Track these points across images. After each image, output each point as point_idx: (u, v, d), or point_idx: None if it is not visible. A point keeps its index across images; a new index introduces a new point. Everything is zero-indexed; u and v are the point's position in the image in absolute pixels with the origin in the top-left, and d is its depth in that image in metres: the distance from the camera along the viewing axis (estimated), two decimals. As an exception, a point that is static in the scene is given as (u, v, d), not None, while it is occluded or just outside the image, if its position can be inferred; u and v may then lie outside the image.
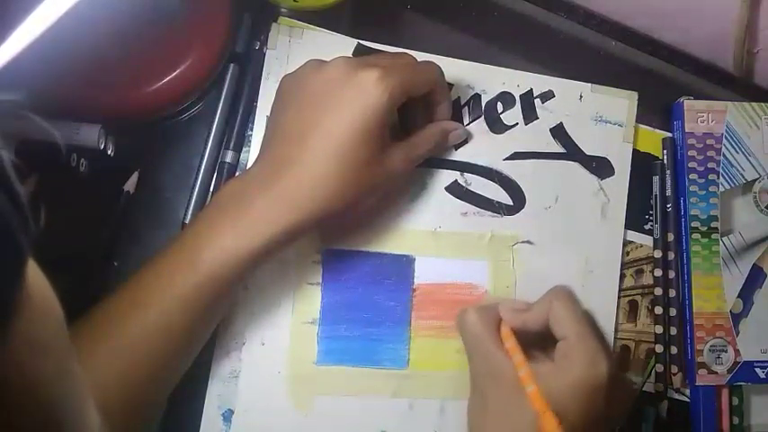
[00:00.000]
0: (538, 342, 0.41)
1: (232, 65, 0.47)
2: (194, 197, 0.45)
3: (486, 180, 0.48)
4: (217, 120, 0.46)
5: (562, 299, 0.40)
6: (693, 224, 0.48)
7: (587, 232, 0.48)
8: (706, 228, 0.48)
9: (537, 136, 0.49)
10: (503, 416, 0.38)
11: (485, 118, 0.49)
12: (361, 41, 0.48)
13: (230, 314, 0.44)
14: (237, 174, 0.46)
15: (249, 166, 0.44)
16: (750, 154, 0.50)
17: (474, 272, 0.47)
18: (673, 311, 0.48)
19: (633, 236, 0.49)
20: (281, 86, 0.42)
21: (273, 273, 0.45)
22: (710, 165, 0.49)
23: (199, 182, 0.45)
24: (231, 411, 0.43)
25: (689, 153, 0.49)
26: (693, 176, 0.49)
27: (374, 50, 0.47)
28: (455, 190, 0.48)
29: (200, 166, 0.46)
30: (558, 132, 0.49)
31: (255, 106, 0.46)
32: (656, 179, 0.50)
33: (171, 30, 0.44)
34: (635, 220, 0.49)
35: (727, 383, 0.47)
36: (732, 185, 0.49)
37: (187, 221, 0.45)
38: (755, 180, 0.50)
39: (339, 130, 0.38)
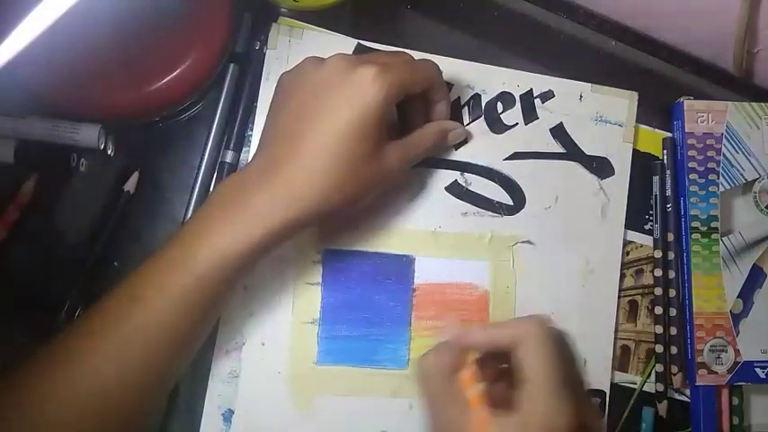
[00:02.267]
0: (503, 373, 0.37)
1: (232, 65, 0.47)
2: (194, 197, 0.45)
3: (486, 180, 0.48)
4: (217, 120, 0.46)
5: (533, 336, 0.35)
6: (693, 224, 0.48)
7: (587, 232, 0.48)
8: (706, 228, 0.48)
9: (537, 136, 0.49)
10: None
11: (485, 118, 0.49)
12: (360, 42, 0.48)
13: (230, 314, 0.44)
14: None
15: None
16: (750, 154, 0.50)
17: (474, 272, 0.47)
18: (673, 311, 0.48)
19: (633, 236, 0.49)
20: (279, 83, 0.42)
21: (273, 273, 0.45)
22: (710, 165, 0.49)
23: (199, 182, 0.45)
24: (231, 411, 0.43)
25: (689, 153, 0.49)
26: (693, 176, 0.49)
27: (374, 50, 0.47)
28: (455, 190, 0.48)
29: (200, 165, 0.46)
30: (558, 132, 0.49)
31: (255, 106, 0.46)
32: (656, 179, 0.50)
33: (171, 30, 0.44)
34: (635, 220, 0.49)
35: (727, 383, 0.47)
36: (732, 185, 0.49)
37: (187, 221, 0.45)
38: (755, 180, 0.50)
39: (336, 126, 0.38)
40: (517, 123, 0.49)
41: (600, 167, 0.49)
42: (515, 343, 0.35)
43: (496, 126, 0.49)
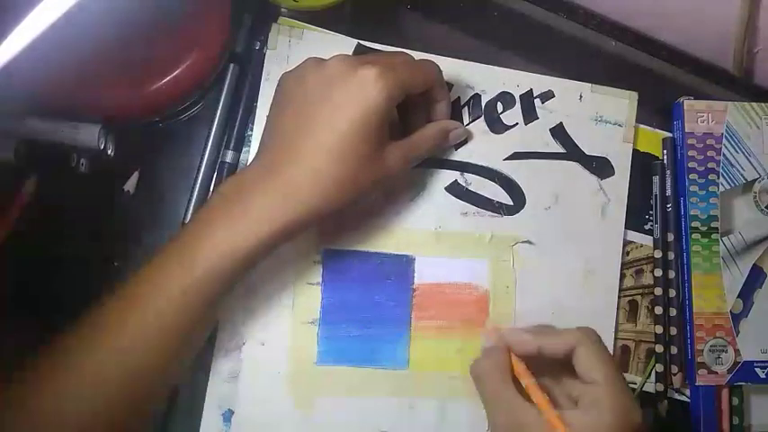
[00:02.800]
0: (550, 373, 0.39)
1: (232, 65, 0.47)
2: (194, 197, 0.45)
3: (486, 180, 0.48)
4: (217, 120, 0.46)
5: (591, 339, 0.38)
6: (693, 224, 0.48)
7: (587, 232, 0.48)
8: (706, 228, 0.48)
9: (537, 136, 0.49)
10: None
11: (485, 118, 0.49)
12: (360, 42, 0.48)
13: (230, 314, 0.44)
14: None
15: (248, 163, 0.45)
16: (750, 154, 0.50)
17: (474, 272, 0.47)
18: (673, 311, 0.48)
19: (633, 236, 0.49)
20: (280, 84, 0.42)
21: (273, 273, 0.45)
22: (710, 165, 0.49)
23: (199, 182, 0.45)
24: (231, 411, 0.43)
25: (689, 153, 0.49)
26: (693, 176, 0.49)
27: (374, 50, 0.47)
28: (455, 190, 0.48)
29: (200, 166, 0.46)
30: (558, 132, 0.49)
31: (255, 106, 0.46)
32: (656, 179, 0.50)
33: (171, 30, 0.44)
34: (635, 220, 0.49)
35: (727, 383, 0.47)
36: (732, 185, 0.49)
37: (187, 221, 0.45)
38: (755, 180, 0.50)
39: (338, 127, 0.38)
40: (517, 123, 0.49)
41: (600, 167, 0.49)
42: (572, 349, 0.37)
43: (496, 126, 0.49)
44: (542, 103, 0.49)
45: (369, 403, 0.45)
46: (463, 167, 0.48)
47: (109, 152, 0.45)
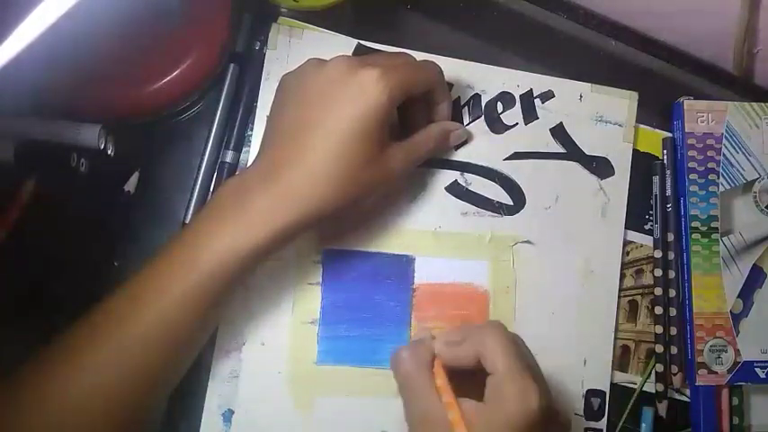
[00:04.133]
0: (475, 378, 0.37)
1: (232, 65, 0.47)
2: (194, 197, 0.45)
3: (486, 180, 0.48)
4: (217, 120, 0.46)
5: (492, 332, 0.37)
6: (693, 224, 0.48)
7: (587, 232, 0.48)
8: (706, 228, 0.49)
9: (537, 136, 0.49)
10: None
11: (485, 118, 0.49)
12: (361, 41, 0.48)
13: (230, 314, 0.44)
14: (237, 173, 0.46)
15: (248, 164, 0.45)
16: (750, 154, 0.50)
17: (474, 272, 0.47)
18: (673, 311, 0.48)
19: (633, 236, 0.49)
20: (280, 85, 0.42)
21: (273, 273, 0.45)
22: (710, 165, 0.49)
23: (199, 182, 0.45)
24: (231, 411, 0.43)
25: (689, 153, 0.49)
26: (693, 176, 0.49)
27: (374, 50, 0.47)
28: (455, 190, 0.48)
29: (200, 166, 0.46)
30: (558, 132, 0.49)
31: (255, 106, 0.46)
32: (656, 179, 0.50)
33: (171, 30, 0.44)
34: (635, 220, 0.49)
35: (727, 383, 0.47)
36: (732, 185, 0.49)
37: (187, 221, 0.45)
38: (755, 180, 0.50)
39: (339, 128, 0.38)
40: (517, 123, 0.49)
41: (600, 167, 0.49)
42: (478, 353, 0.37)
43: (496, 126, 0.49)
44: (542, 103, 0.49)
45: (369, 403, 0.45)
46: (463, 167, 0.48)
47: (109, 152, 0.44)
